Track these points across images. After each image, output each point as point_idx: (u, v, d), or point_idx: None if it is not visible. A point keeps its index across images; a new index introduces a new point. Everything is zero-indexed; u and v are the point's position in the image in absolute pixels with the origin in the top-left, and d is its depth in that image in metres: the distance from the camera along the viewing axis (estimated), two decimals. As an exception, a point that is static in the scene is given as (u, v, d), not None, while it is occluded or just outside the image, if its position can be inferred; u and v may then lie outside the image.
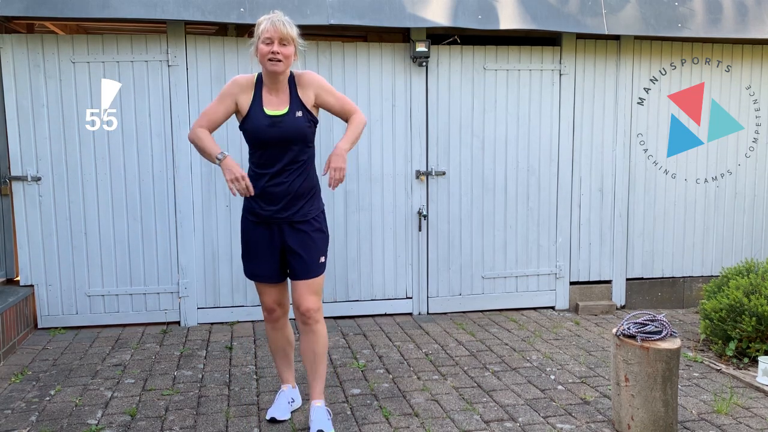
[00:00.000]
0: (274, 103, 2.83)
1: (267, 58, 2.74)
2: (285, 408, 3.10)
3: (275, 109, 2.82)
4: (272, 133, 2.79)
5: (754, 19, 4.89)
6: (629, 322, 2.98)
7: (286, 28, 2.73)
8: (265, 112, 2.82)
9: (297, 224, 2.88)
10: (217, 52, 4.48)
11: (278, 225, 2.88)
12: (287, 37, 2.73)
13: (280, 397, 3.15)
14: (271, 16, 2.75)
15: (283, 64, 2.75)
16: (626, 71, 5.01)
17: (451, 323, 4.71)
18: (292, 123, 2.81)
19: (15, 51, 4.25)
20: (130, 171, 4.46)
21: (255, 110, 2.83)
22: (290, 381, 3.22)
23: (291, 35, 2.75)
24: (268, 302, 3.01)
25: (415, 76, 4.72)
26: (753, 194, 5.36)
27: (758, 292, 3.87)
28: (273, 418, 3.05)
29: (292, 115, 2.82)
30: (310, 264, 2.90)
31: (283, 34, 2.72)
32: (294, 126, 2.81)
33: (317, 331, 2.94)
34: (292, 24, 2.78)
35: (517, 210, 4.98)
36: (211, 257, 4.60)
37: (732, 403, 3.34)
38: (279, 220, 2.87)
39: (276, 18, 2.74)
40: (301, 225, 2.89)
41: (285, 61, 2.75)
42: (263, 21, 2.76)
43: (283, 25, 2.72)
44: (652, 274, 5.26)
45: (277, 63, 2.74)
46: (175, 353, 4.02)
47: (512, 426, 3.06)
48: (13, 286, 4.40)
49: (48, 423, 3.04)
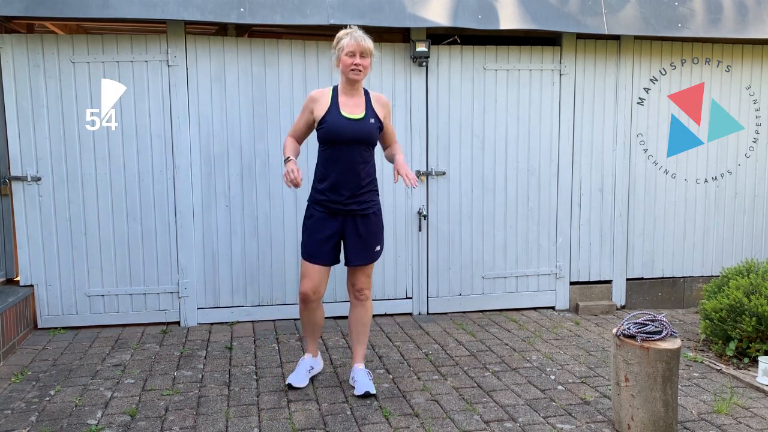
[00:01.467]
0: (351, 108, 3.28)
1: (350, 68, 3.20)
2: (304, 375, 3.48)
3: (352, 113, 3.27)
4: (348, 132, 3.23)
5: (754, 19, 4.89)
6: (629, 322, 2.98)
7: (367, 43, 3.19)
8: (342, 115, 3.25)
9: (360, 216, 3.32)
10: (217, 52, 4.48)
11: (343, 215, 3.31)
12: (367, 50, 3.20)
13: (301, 364, 3.54)
14: (351, 32, 3.20)
15: (362, 74, 3.23)
16: (626, 71, 5.01)
17: (451, 323, 4.71)
18: (367, 126, 3.28)
19: (15, 51, 4.25)
20: (129, 171, 4.46)
21: (332, 113, 3.25)
22: (313, 351, 3.60)
23: (370, 49, 3.22)
24: (308, 287, 3.34)
25: (415, 76, 4.72)
26: (753, 194, 5.36)
27: (758, 292, 3.87)
28: (290, 385, 3.42)
29: (367, 120, 3.29)
30: (369, 251, 3.36)
31: (363, 49, 3.18)
32: (368, 129, 3.28)
33: (367, 306, 3.47)
34: (369, 38, 3.23)
35: (517, 210, 4.98)
36: (211, 257, 4.60)
37: (732, 403, 3.34)
38: (344, 212, 3.30)
39: (357, 34, 3.19)
40: (363, 218, 3.33)
41: (364, 71, 3.22)
42: (344, 36, 3.21)
43: (364, 41, 3.18)
44: (653, 274, 5.27)
45: (359, 73, 3.21)
46: (175, 353, 4.02)
47: (512, 426, 3.06)
48: (13, 286, 4.40)
49: (48, 423, 3.04)
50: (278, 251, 4.65)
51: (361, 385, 3.36)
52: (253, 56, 4.52)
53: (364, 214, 3.32)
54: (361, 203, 3.30)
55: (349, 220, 3.31)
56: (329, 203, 3.28)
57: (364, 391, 3.32)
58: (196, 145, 4.50)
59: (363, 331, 3.50)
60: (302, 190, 4.63)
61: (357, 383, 3.39)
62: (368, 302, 3.48)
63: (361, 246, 3.33)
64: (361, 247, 3.34)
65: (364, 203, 3.31)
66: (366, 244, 3.34)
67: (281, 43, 4.55)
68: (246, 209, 4.61)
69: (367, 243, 3.35)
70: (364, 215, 3.33)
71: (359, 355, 3.51)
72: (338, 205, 3.27)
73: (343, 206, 3.28)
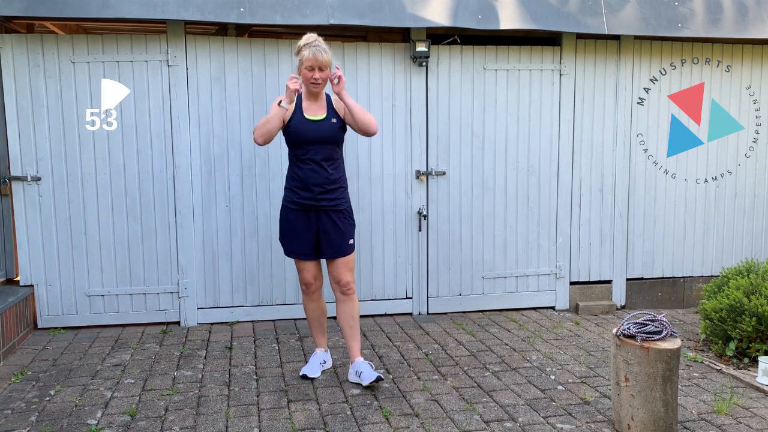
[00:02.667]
0: (314, 111, 3.46)
1: (309, 81, 3.37)
2: (317, 367, 3.65)
3: (315, 115, 3.45)
4: (312, 133, 3.41)
5: (754, 19, 4.89)
6: (629, 322, 2.98)
7: (324, 56, 3.32)
8: (305, 117, 3.43)
9: (331, 212, 3.48)
10: (217, 52, 4.48)
11: (315, 211, 3.47)
12: (325, 64, 3.34)
13: (314, 358, 3.70)
14: (310, 43, 3.31)
15: (321, 86, 3.42)
16: (626, 71, 5.01)
17: (451, 323, 4.71)
18: (329, 126, 3.45)
19: (15, 51, 4.25)
20: (130, 171, 4.46)
21: (296, 117, 3.44)
22: (323, 345, 3.77)
23: (328, 62, 3.35)
24: (308, 277, 3.58)
25: (415, 76, 4.72)
26: (753, 194, 5.36)
27: (758, 292, 3.87)
28: (305, 375, 3.58)
29: (328, 120, 3.46)
30: (342, 244, 3.51)
31: (321, 63, 3.32)
32: (330, 128, 3.45)
33: (354, 300, 3.58)
34: (327, 50, 3.35)
35: (517, 210, 4.98)
36: (211, 257, 4.60)
37: (732, 403, 3.34)
38: (316, 208, 3.46)
39: (315, 47, 3.30)
40: (334, 213, 3.49)
41: (323, 84, 3.41)
42: (304, 48, 3.32)
43: (322, 54, 3.31)
44: (653, 274, 5.27)
45: (318, 85, 3.40)
46: (175, 353, 4.02)
47: (512, 426, 3.06)
48: (13, 286, 4.40)
49: (48, 423, 3.04)
50: (278, 251, 4.65)
51: (367, 375, 3.45)
52: (253, 56, 4.52)
53: (336, 210, 3.49)
54: (331, 199, 3.47)
55: (322, 215, 3.48)
56: (301, 200, 3.46)
57: (376, 377, 3.42)
58: (196, 145, 4.50)
59: (354, 326, 3.59)
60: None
61: (363, 374, 3.47)
62: (354, 295, 3.58)
63: (335, 238, 3.49)
64: (336, 240, 3.49)
65: (334, 199, 3.48)
66: (340, 237, 3.50)
67: (281, 43, 4.55)
68: (246, 209, 4.61)
69: (341, 235, 3.50)
70: (336, 210, 3.49)
71: (356, 349, 3.59)
72: (310, 201, 3.45)
73: (315, 202, 3.45)
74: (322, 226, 3.49)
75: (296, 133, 3.43)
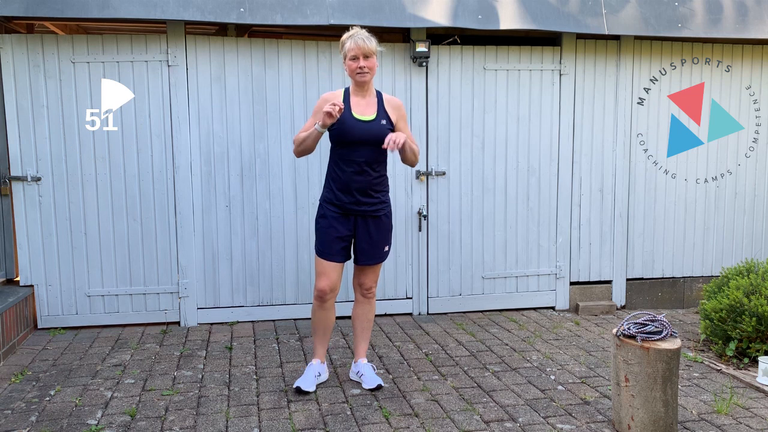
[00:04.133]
0: (362, 110, 3.30)
1: (355, 72, 3.22)
2: (312, 381, 3.42)
3: (363, 114, 3.29)
4: (359, 133, 3.25)
5: (754, 19, 4.89)
6: (629, 322, 2.98)
7: (367, 43, 3.18)
8: (354, 116, 3.27)
9: (370, 218, 3.36)
10: (217, 52, 4.48)
11: (354, 215, 3.35)
12: (370, 51, 3.20)
13: (309, 369, 3.48)
14: (353, 34, 3.21)
15: (369, 75, 3.24)
16: (626, 71, 5.01)
17: (451, 323, 4.71)
18: (378, 128, 3.28)
19: (15, 51, 4.25)
20: (129, 171, 4.45)
21: (345, 114, 3.25)
22: (322, 357, 3.54)
23: (372, 49, 3.21)
24: (325, 284, 3.37)
25: (415, 76, 4.72)
26: (753, 194, 5.36)
27: (758, 293, 3.87)
28: (299, 388, 3.35)
29: (378, 122, 3.30)
30: (378, 251, 3.42)
31: (365, 51, 3.18)
32: (379, 130, 3.27)
33: (373, 303, 3.56)
34: (372, 38, 3.22)
35: (517, 210, 4.98)
36: (211, 257, 4.59)
37: (732, 403, 3.34)
38: (356, 212, 3.34)
39: (359, 36, 3.19)
40: (375, 219, 3.37)
41: (370, 72, 3.24)
42: (347, 40, 3.22)
43: (365, 42, 3.18)
44: (653, 274, 5.27)
45: (365, 75, 3.23)
46: (175, 353, 4.02)
47: (512, 426, 3.06)
48: (13, 286, 4.40)
49: (48, 423, 3.04)
50: (278, 251, 4.66)
51: (370, 380, 3.45)
52: (253, 56, 4.52)
53: (375, 216, 3.37)
54: (372, 204, 3.35)
55: (360, 220, 3.36)
56: (341, 203, 3.33)
57: (376, 384, 3.42)
58: (196, 145, 4.50)
59: (367, 327, 3.57)
60: (302, 190, 4.64)
61: (364, 377, 3.48)
62: (374, 300, 3.57)
63: (371, 246, 3.40)
64: (371, 247, 3.40)
65: (375, 204, 3.36)
66: (376, 244, 3.40)
67: (281, 44, 4.55)
68: (246, 209, 4.61)
69: (377, 243, 3.41)
70: (375, 216, 3.38)
71: (362, 350, 3.59)
72: (351, 205, 3.32)
73: (356, 206, 3.32)
74: (360, 232, 3.37)
75: (342, 132, 3.25)
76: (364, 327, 3.57)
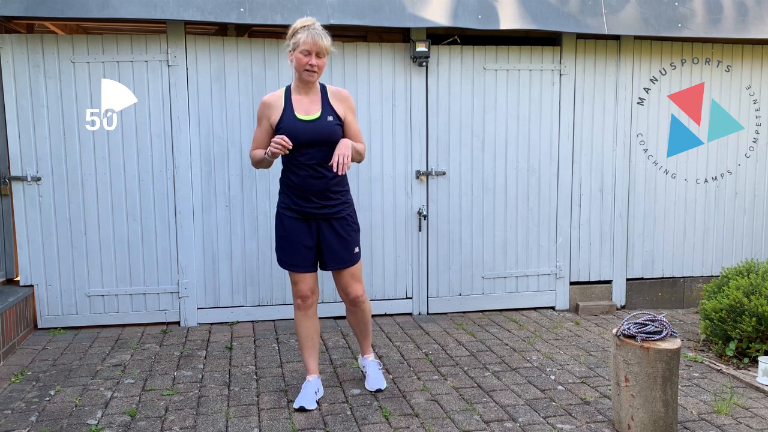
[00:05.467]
0: (305, 108, 3.09)
1: (304, 68, 3.01)
2: (312, 397, 3.24)
3: (306, 113, 3.09)
4: (305, 135, 3.05)
5: (754, 19, 4.89)
6: (629, 322, 2.98)
7: (324, 41, 2.99)
8: (297, 117, 3.07)
9: (333, 220, 3.18)
10: (217, 52, 4.48)
11: (315, 220, 3.17)
12: (324, 50, 3.00)
13: (307, 387, 3.29)
14: (309, 26, 3.00)
15: (317, 75, 3.05)
16: (626, 71, 5.01)
17: (451, 323, 4.71)
18: (325, 125, 3.08)
19: (15, 51, 4.25)
20: (129, 171, 4.45)
21: (287, 117, 3.08)
22: (316, 371, 3.36)
23: (327, 48, 3.02)
24: (304, 290, 3.23)
25: (415, 76, 4.72)
26: (753, 194, 5.36)
27: (758, 292, 3.87)
28: (302, 407, 3.17)
29: (324, 119, 3.09)
30: (346, 254, 3.22)
31: (320, 48, 2.98)
32: (326, 128, 3.08)
33: (365, 308, 3.38)
34: (327, 35, 3.03)
35: (517, 210, 4.98)
36: (211, 257, 4.59)
37: (732, 403, 3.34)
38: (316, 216, 3.16)
39: (314, 30, 2.98)
40: (336, 221, 3.19)
41: (319, 72, 3.04)
42: (300, 30, 3.00)
43: (321, 39, 2.98)
44: (653, 274, 5.26)
45: (313, 74, 3.03)
46: (175, 353, 4.02)
47: (512, 426, 3.06)
48: (13, 286, 4.40)
49: (48, 423, 3.04)
50: (278, 251, 4.65)
51: (373, 380, 3.42)
52: (253, 56, 4.52)
53: (338, 217, 3.19)
54: (333, 206, 3.17)
55: (323, 223, 3.18)
56: (300, 208, 3.16)
57: (376, 388, 3.39)
58: (196, 145, 4.50)
59: (365, 329, 3.49)
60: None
61: (368, 377, 3.45)
62: (365, 305, 3.38)
63: (339, 248, 3.20)
64: (340, 250, 3.21)
65: (336, 206, 3.18)
66: (344, 247, 3.21)
67: (281, 43, 4.55)
68: (246, 209, 4.61)
69: (345, 246, 3.21)
70: (339, 218, 3.19)
71: (366, 346, 3.54)
72: (310, 209, 3.14)
73: (316, 210, 3.15)
74: (324, 235, 3.18)
75: (288, 135, 3.02)
76: (362, 330, 3.47)
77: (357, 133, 3.24)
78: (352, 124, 3.22)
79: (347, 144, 3.06)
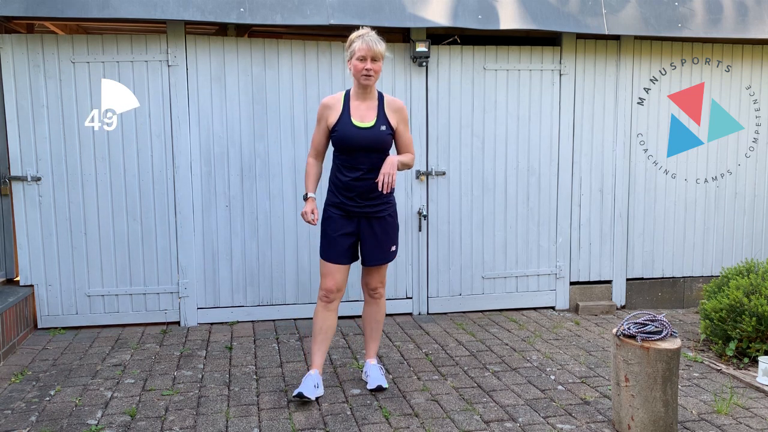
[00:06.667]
0: (362, 115, 3.26)
1: (361, 73, 3.17)
2: (312, 389, 3.28)
3: (362, 121, 3.25)
4: (358, 141, 3.22)
5: (754, 19, 4.90)
6: (629, 322, 2.98)
7: (378, 46, 3.15)
8: (353, 123, 3.24)
9: (373, 219, 3.34)
10: (217, 52, 4.48)
11: (358, 217, 3.33)
12: (378, 54, 3.16)
13: (308, 379, 3.33)
14: (363, 35, 3.17)
15: (374, 78, 3.20)
16: (626, 71, 5.01)
17: (451, 323, 4.71)
18: (378, 134, 3.25)
19: (15, 51, 4.25)
20: (129, 171, 4.46)
21: (344, 121, 3.24)
22: (319, 367, 3.41)
23: (382, 52, 3.18)
24: (331, 284, 3.35)
25: (415, 76, 4.72)
26: (753, 194, 5.36)
27: (758, 292, 3.87)
28: (300, 394, 3.21)
29: (378, 128, 3.26)
30: (384, 252, 3.39)
31: (374, 53, 3.15)
32: (379, 137, 3.25)
33: (381, 304, 3.53)
34: (381, 41, 3.19)
35: (517, 210, 4.98)
36: (211, 257, 4.60)
37: (732, 403, 3.34)
38: (358, 214, 3.32)
39: (369, 37, 3.15)
40: (379, 220, 3.35)
41: (375, 76, 3.20)
42: (356, 39, 3.18)
43: (375, 44, 3.15)
44: (653, 274, 5.27)
45: (370, 78, 3.19)
46: (175, 353, 4.02)
47: (512, 426, 3.06)
48: (13, 286, 4.40)
49: (48, 423, 3.04)
50: (278, 251, 4.65)
51: (373, 380, 3.45)
52: (253, 56, 4.52)
53: (379, 217, 3.35)
54: (375, 206, 3.33)
55: (364, 221, 3.34)
56: (344, 206, 3.32)
57: (377, 384, 3.41)
58: (196, 145, 4.50)
59: (377, 328, 3.56)
60: (302, 190, 4.64)
61: (369, 378, 3.48)
62: (382, 300, 3.54)
63: (376, 246, 3.37)
64: (377, 248, 3.37)
65: (378, 206, 3.34)
66: (381, 245, 3.38)
67: (281, 43, 4.55)
68: (246, 209, 4.61)
69: (383, 244, 3.38)
70: (379, 217, 3.35)
71: (372, 350, 3.59)
72: (354, 208, 3.31)
73: (359, 208, 3.31)
74: (365, 233, 3.35)
75: (341, 140, 3.24)
76: (373, 328, 3.56)
77: (408, 143, 3.42)
78: (404, 135, 3.39)
79: (393, 163, 3.22)
